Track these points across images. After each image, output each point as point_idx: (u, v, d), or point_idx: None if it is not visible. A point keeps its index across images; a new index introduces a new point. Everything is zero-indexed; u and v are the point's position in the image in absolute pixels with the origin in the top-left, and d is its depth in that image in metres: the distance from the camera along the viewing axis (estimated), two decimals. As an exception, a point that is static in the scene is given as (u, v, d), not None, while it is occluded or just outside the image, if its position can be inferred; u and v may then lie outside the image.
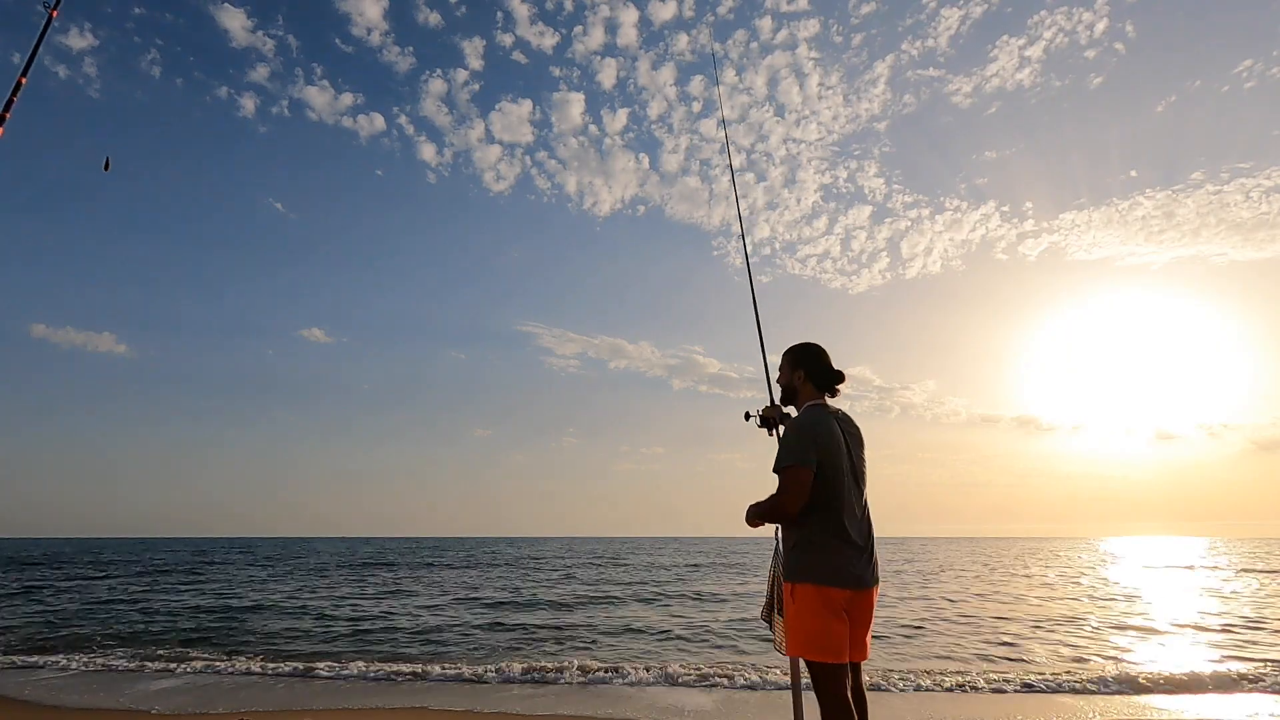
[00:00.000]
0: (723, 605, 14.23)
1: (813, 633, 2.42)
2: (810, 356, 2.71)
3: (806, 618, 2.44)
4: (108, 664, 7.80)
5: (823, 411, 2.61)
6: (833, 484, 2.48)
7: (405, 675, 7.19)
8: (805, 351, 2.73)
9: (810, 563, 2.45)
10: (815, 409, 2.62)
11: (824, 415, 2.59)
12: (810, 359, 2.71)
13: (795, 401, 2.77)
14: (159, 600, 14.96)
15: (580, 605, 14.16)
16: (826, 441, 2.50)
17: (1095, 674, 7.05)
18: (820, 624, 2.41)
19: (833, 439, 2.52)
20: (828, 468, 2.48)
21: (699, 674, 7.10)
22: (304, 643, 9.42)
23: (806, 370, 2.70)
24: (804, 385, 2.70)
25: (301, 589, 17.77)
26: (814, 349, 2.73)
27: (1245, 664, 7.62)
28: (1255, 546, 69.52)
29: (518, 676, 7.09)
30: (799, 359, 2.73)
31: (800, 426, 2.56)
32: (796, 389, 2.73)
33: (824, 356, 2.71)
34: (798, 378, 2.72)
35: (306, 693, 6.43)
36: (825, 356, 2.71)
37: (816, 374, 2.69)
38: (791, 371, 2.75)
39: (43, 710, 5.71)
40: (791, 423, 2.63)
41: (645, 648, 9.21)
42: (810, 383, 2.69)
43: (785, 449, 2.52)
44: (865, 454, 2.67)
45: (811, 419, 2.57)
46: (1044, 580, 21.06)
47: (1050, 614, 12.57)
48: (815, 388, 2.69)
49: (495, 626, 11.08)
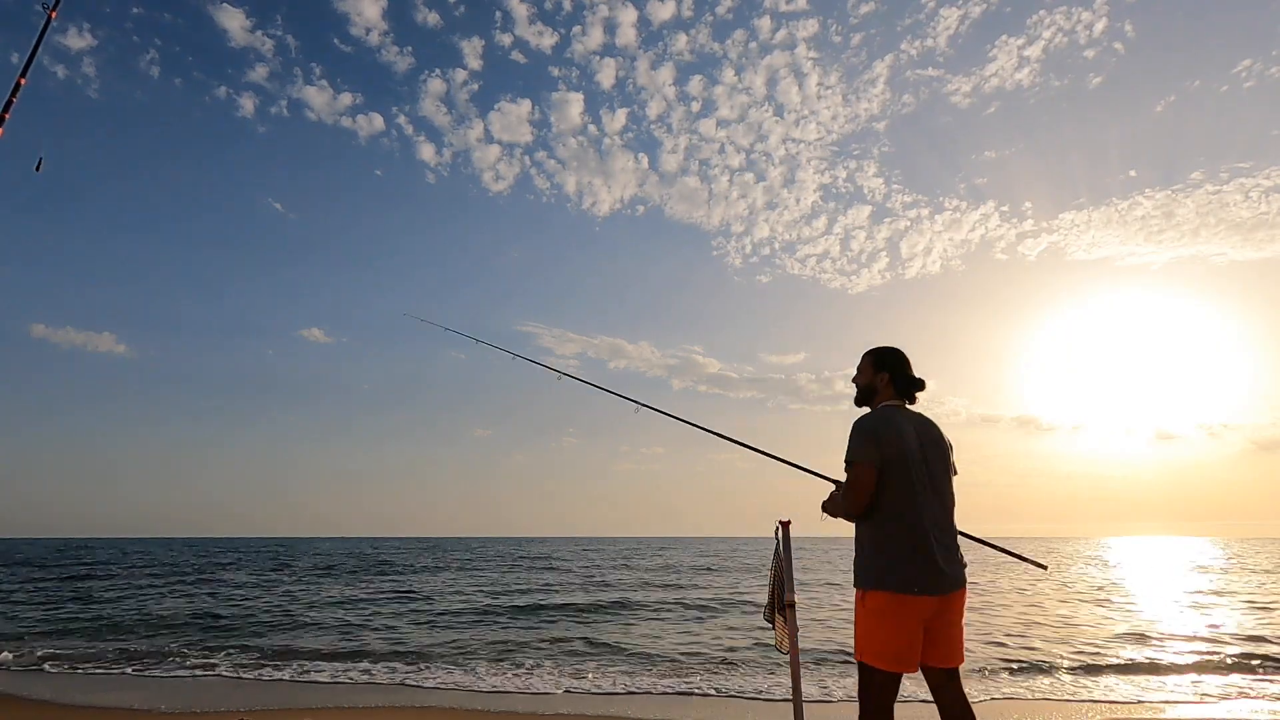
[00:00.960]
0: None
1: (883, 640, 2.40)
2: (895, 361, 2.73)
3: (878, 624, 2.41)
4: (112, 664, 7.79)
5: (896, 412, 2.63)
6: (902, 485, 2.47)
7: (410, 675, 7.19)
8: (891, 355, 2.74)
9: (885, 569, 2.43)
10: (889, 409, 2.64)
11: (895, 415, 2.60)
12: (895, 363, 2.72)
13: (871, 402, 2.77)
14: (161, 600, 14.95)
15: (600, 609, 14.14)
16: (893, 440, 2.50)
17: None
18: (893, 633, 2.38)
19: (901, 438, 2.51)
20: (895, 467, 2.47)
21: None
22: (305, 643, 9.41)
23: (891, 373, 2.71)
24: (886, 388, 2.71)
25: (303, 589, 17.77)
26: (900, 354, 2.75)
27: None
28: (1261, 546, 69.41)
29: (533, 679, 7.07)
30: (883, 361, 2.74)
31: (865, 424, 2.57)
32: (877, 390, 2.74)
33: (907, 363, 2.73)
34: (880, 379, 2.73)
35: (307, 692, 6.43)
36: (908, 363, 2.74)
37: (900, 379, 2.70)
38: (874, 373, 2.75)
39: (52, 709, 5.71)
40: (858, 420, 2.63)
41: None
42: (892, 386, 2.70)
43: (850, 445, 2.55)
44: (950, 459, 2.65)
45: (881, 417, 2.59)
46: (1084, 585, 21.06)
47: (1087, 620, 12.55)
48: (896, 391, 2.70)
49: (503, 627, 11.07)
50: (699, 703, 6.12)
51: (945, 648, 2.47)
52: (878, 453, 2.47)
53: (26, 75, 3.42)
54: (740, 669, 7.55)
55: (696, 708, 5.91)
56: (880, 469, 2.46)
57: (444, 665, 7.65)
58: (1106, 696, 6.27)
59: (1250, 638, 9.73)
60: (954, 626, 2.48)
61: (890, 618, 2.39)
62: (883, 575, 2.42)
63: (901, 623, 2.38)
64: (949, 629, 2.47)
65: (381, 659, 8.16)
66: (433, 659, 8.15)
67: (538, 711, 5.68)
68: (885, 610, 2.40)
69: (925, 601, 2.39)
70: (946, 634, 2.47)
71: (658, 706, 5.93)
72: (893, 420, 2.56)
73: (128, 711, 5.66)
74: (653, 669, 7.54)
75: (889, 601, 2.39)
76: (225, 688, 6.66)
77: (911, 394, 2.73)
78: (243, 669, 7.60)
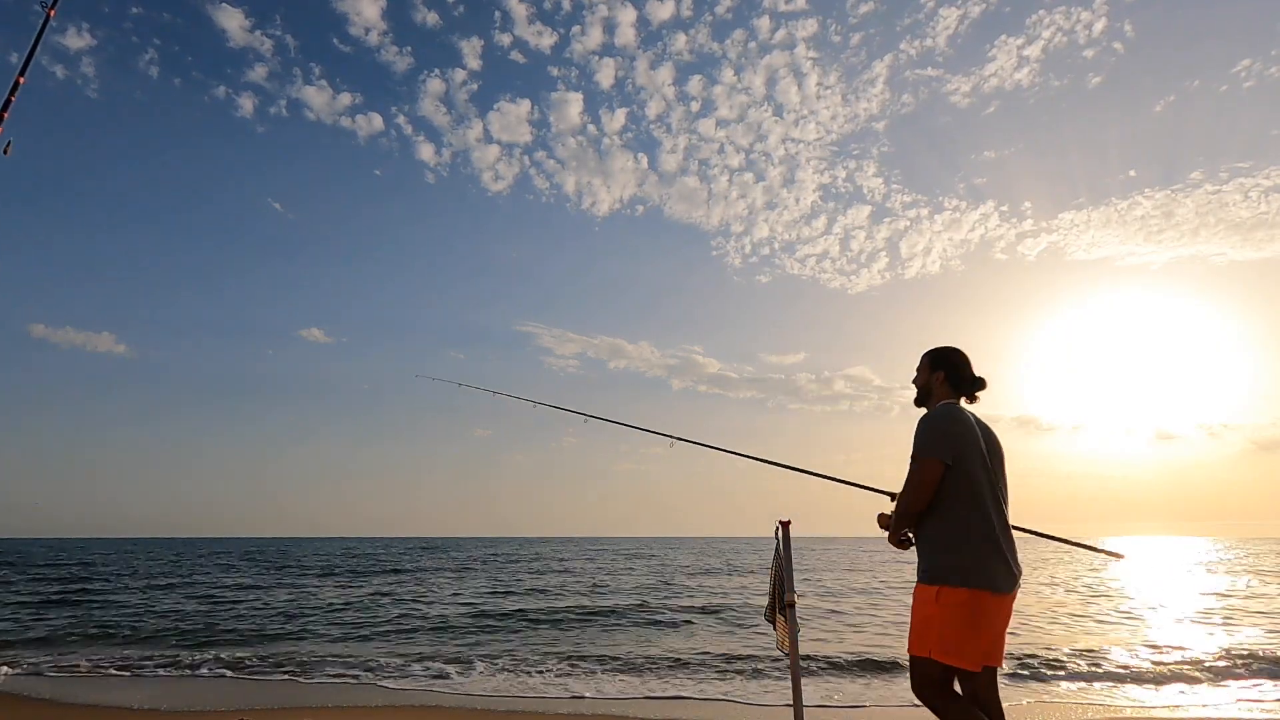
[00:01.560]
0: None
1: (956, 636, 2.38)
2: (951, 360, 2.73)
3: (953, 620, 2.39)
4: (112, 664, 7.78)
5: (958, 407, 2.64)
6: (977, 481, 2.48)
7: (410, 675, 7.18)
8: (946, 354, 2.75)
9: (959, 565, 2.43)
10: (953, 405, 2.65)
11: (959, 410, 2.62)
12: (950, 362, 2.73)
13: (929, 402, 2.77)
14: (161, 600, 14.94)
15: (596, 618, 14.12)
16: (964, 435, 2.51)
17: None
18: (968, 628, 2.38)
19: (970, 434, 2.53)
20: (967, 464, 2.48)
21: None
22: (305, 643, 9.40)
23: (945, 372, 2.72)
24: (941, 387, 2.72)
25: (303, 589, 17.76)
26: (957, 353, 2.75)
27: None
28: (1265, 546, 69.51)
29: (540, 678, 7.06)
30: (939, 361, 2.75)
31: (936, 419, 2.58)
32: (932, 390, 2.74)
33: (966, 362, 2.73)
34: (936, 379, 2.73)
35: (307, 692, 6.42)
36: (968, 362, 2.73)
37: (955, 378, 2.71)
38: (930, 373, 2.76)
39: (53, 708, 5.71)
40: (926, 416, 2.64)
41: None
42: (947, 384, 2.71)
43: (918, 439, 2.55)
44: (1004, 468, 2.64)
45: (948, 413, 2.58)
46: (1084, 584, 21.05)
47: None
48: (952, 389, 2.70)
49: (507, 627, 11.06)
50: (700, 705, 6.12)
51: (1000, 647, 2.51)
52: (949, 449, 2.48)
53: (26, 74, 3.41)
54: (740, 669, 7.54)
55: (697, 709, 5.91)
56: (951, 465, 2.47)
57: (444, 665, 7.63)
58: (1106, 700, 6.27)
59: (1249, 643, 9.71)
60: (1006, 627, 2.52)
61: (973, 614, 2.39)
62: (967, 572, 2.40)
63: (986, 620, 2.40)
64: (1005, 628, 2.51)
65: (382, 659, 8.14)
66: (433, 659, 8.13)
67: (538, 711, 5.68)
68: (967, 607, 2.39)
69: (1004, 600, 2.42)
70: (1004, 633, 2.51)
71: (657, 706, 5.93)
72: (958, 416, 2.57)
73: (128, 711, 5.67)
74: (653, 669, 7.53)
75: (971, 598, 2.38)
76: (225, 687, 6.66)
77: (971, 393, 2.73)
78: (243, 669, 7.59)
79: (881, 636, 9.93)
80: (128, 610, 13.07)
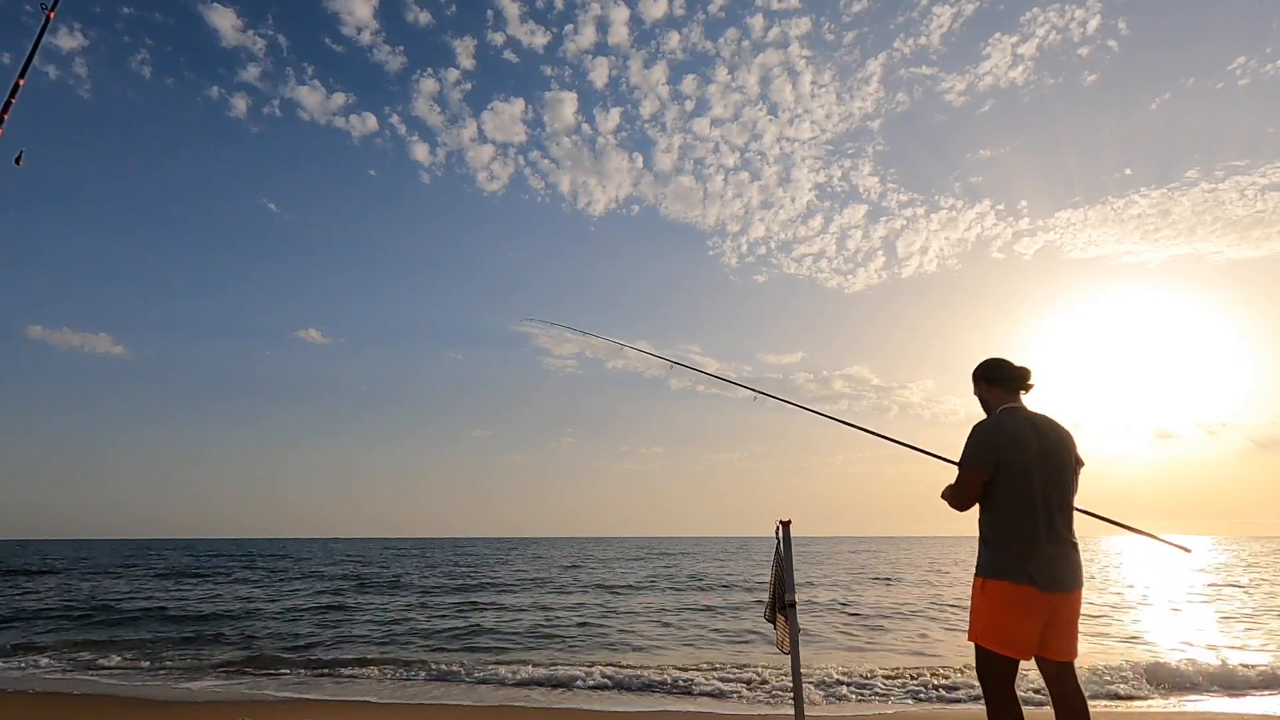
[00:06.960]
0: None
1: (999, 625, 2.59)
2: (989, 367, 2.91)
3: (995, 611, 2.61)
4: (114, 664, 7.77)
5: (1010, 415, 2.76)
6: (1019, 486, 2.61)
7: (410, 675, 7.19)
8: (985, 365, 2.93)
9: (1004, 562, 2.61)
10: (1004, 412, 2.79)
11: (1010, 418, 2.74)
12: (992, 373, 2.89)
13: (989, 412, 2.90)
14: (161, 600, 14.92)
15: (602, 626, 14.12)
16: (1008, 444, 2.64)
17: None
18: (1010, 619, 2.57)
19: (1017, 440, 2.65)
20: (1013, 469, 2.62)
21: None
22: (305, 643, 9.40)
23: (988, 379, 2.90)
24: (990, 393, 2.89)
25: (302, 590, 17.76)
26: (993, 360, 2.92)
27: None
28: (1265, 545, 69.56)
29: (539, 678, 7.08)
30: (980, 373, 2.94)
31: (982, 431, 2.73)
32: (987, 401, 2.92)
33: (1003, 364, 2.89)
34: (984, 389, 2.92)
35: (307, 691, 6.42)
36: (1005, 364, 2.89)
37: (998, 381, 2.86)
38: (981, 387, 2.94)
39: (55, 701, 5.70)
40: (975, 426, 2.78)
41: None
42: (996, 388, 2.86)
43: (965, 449, 2.74)
44: (1073, 454, 2.74)
45: (995, 422, 2.74)
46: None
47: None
48: (1003, 392, 2.84)
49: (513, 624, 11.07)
50: (700, 704, 6.13)
51: (1061, 642, 2.62)
52: (991, 459, 2.64)
53: (25, 76, 3.40)
54: (742, 671, 7.54)
55: (697, 707, 5.91)
56: (993, 473, 2.64)
57: (444, 665, 7.63)
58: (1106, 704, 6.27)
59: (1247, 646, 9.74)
60: (1070, 623, 2.64)
61: (1011, 607, 2.57)
62: (1005, 568, 2.59)
63: (1022, 613, 2.55)
64: (1066, 625, 2.62)
65: (381, 658, 8.15)
66: (433, 659, 8.13)
67: (539, 709, 5.68)
68: (1006, 600, 2.57)
69: (1046, 597, 2.54)
70: (1065, 629, 2.62)
71: (656, 703, 5.93)
72: (1005, 425, 2.70)
73: (129, 707, 5.68)
74: (653, 672, 7.53)
75: (1008, 592, 2.57)
76: (227, 686, 6.66)
77: (1020, 387, 2.83)
78: (244, 668, 7.60)
79: (881, 636, 9.93)
80: (126, 611, 13.05)
